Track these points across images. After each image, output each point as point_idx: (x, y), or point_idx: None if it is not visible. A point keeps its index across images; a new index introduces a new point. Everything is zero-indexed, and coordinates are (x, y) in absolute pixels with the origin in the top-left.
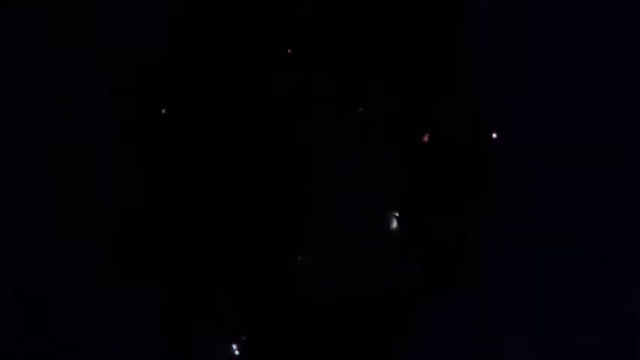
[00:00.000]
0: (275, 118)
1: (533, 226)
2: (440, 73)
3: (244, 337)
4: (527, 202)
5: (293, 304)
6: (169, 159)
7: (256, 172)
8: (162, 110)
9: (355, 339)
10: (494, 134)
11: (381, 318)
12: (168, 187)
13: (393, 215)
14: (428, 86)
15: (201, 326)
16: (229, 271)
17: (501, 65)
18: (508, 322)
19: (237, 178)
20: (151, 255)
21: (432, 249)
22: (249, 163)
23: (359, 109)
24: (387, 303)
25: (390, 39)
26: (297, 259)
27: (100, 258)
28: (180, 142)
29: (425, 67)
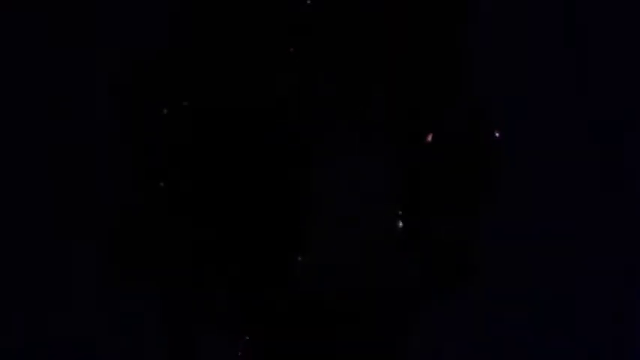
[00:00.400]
0: (275, 117)
1: (533, 226)
2: (440, 73)
3: (245, 337)
4: (527, 202)
5: (293, 303)
6: (169, 159)
7: (256, 172)
8: (163, 110)
9: (355, 339)
10: (496, 133)
11: (381, 318)
12: (168, 187)
13: (393, 215)
14: (428, 86)
15: (202, 326)
16: (230, 271)
17: (501, 65)
18: (508, 322)
19: (237, 177)
20: (151, 255)
21: (432, 249)
22: (249, 162)
23: (359, 108)
24: (387, 303)
25: (390, 39)
26: (298, 258)
27: (100, 258)
28: (181, 142)
29: (425, 67)
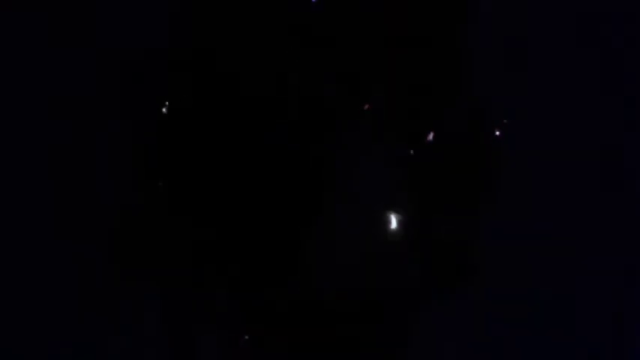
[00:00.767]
0: (275, 117)
1: (533, 226)
2: (440, 73)
3: (246, 337)
4: (527, 202)
5: (293, 303)
6: (170, 159)
7: (257, 172)
8: (163, 110)
9: (355, 339)
10: (497, 132)
11: (381, 318)
12: (168, 187)
13: (393, 215)
14: (428, 86)
15: (202, 326)
16: (230, 271)
17: (501, 65)
18: (508, 322)
19: (237, 177)
20: (151, 255)
21: (432, 249)
22: (249, 162)
23: (359, 109)
24: (387, 303)
25: (391, 39)
26: (298, 258)
27: (100, 258)
28: (181, 142)
29: (425, 67)
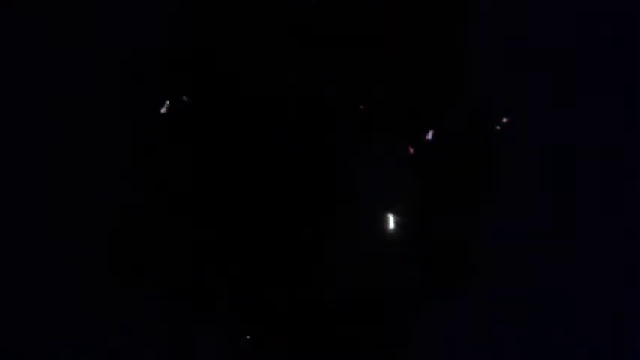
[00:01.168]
0: (276, 117)
1: (533, 226)
2: (440, 73)
3: (246, 337)
4: (527, 202)
5: (294, 303)
6: (170, 159)
7: (257, 172)
8: (163, 110)
9: (355, 339)
10: (497, 126)
11: (382, 318)
12: (168, 187)
13: (393, 215)
14: (428, 86)
15: (202, 326)
16: (230, 271)
17: (501, 65)
18: (508, 322)
19: (237, 177)
20: (151, 255)
21: (432, 249)
22: (249, 162)
23: (359, 109)
24: (388, 303)
25: (390, 39)
26: (298, 258)
27: (100, 258)
28: (181, 142)
29: (425, 67)
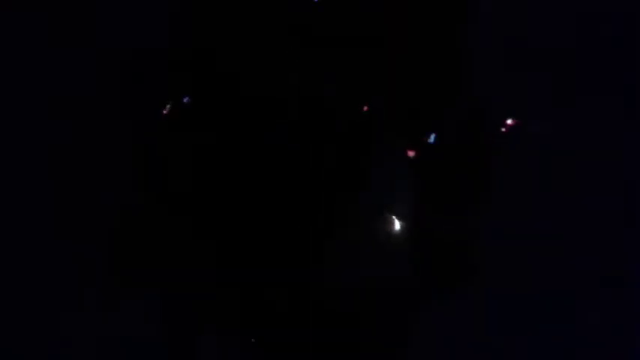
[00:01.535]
0: (276, 117)
1: (533, 226)
2: (440, 73)
3: (246, 338)
4: (527, 202)
5: (294, 303)
6: (170, 159)
7: (257, 172)
8: (163, 111)
9: (355, 339)
10: (509, 121)
11: (381, 318)
12: (168, 187)
13: (393, 215)
14: (428, 86)
15: (202, 326)
16: (231, 272)
17: (501, 65)
18: (508, 322)
19: (237, 177)
20: (151, 255)
21: (433, 249)
22: (249, 162)
23: (359, 109)
24: (388, 303)
25: (390, 39)
26: (298, 258)
27: (100, 258)
28: (181, 142)
29: (425, 67)
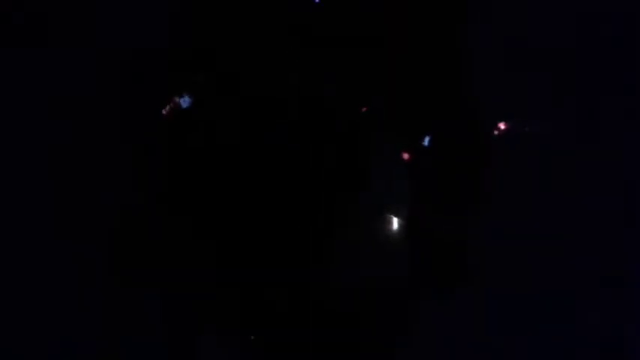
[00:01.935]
0: (276, 117)
1: (533, 226)
2: (440, 73)
3: (246, 337)
4: (527, 202)
5: (294, 304)
6: (170, 159)
7: (257, 172)
8: (163, 111)
9: (355, 339)
10: (497, 131)
11: (381, 318)
12: (168, 187)
13: (393, 215)
14: (428, 86)
15: (202, 326)
16: (231, 272)
17: (501, 65)
18: (508, 322)
19: (237, 177)
20: (151, 255)
21: (432, 249)
22: (249, 162)
23: (359, 109)
24: (388, 303)
25: (390, 39)
26: (298, 258)
27: (100, 258)
28: (181, 142)
29: (425, 67)
